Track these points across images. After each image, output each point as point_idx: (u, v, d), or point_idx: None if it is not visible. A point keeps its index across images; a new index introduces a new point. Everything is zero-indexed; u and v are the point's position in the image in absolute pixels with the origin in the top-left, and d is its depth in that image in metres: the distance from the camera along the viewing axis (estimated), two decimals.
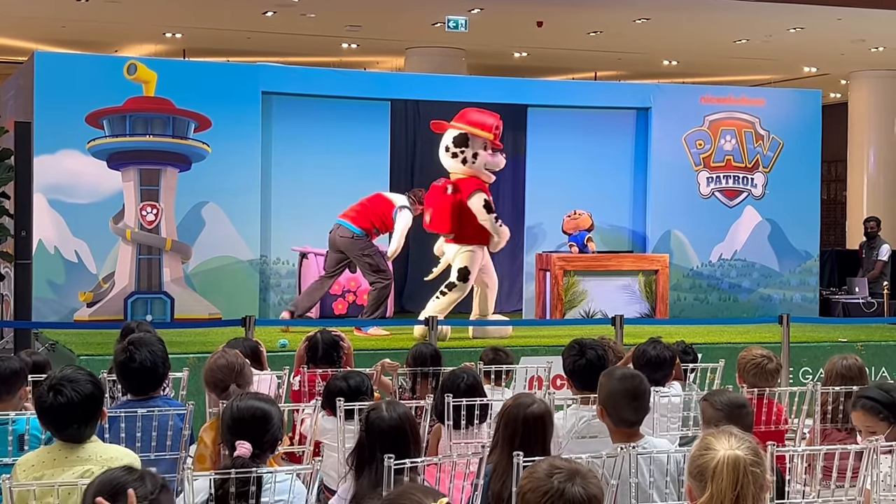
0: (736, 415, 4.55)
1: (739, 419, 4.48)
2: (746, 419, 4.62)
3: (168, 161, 11.48)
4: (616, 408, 4.44)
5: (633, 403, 4.44)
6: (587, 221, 12.17)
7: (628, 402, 4.43)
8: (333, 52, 17.82)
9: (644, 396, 4.48)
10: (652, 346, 5.99)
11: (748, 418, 4.67)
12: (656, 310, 11.96)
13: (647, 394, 4.52)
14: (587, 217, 12.19)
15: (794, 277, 13.45)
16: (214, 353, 5.32)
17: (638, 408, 4.46)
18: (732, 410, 4.60)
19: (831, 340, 10.63)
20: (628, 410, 4.44)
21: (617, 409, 4.44)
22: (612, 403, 4.45)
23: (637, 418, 4.47)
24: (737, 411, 4.61)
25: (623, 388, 4.45)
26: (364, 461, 4.10)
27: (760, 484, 2.98)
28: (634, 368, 5.43)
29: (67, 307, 11.10)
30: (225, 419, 4.12)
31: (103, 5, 14.60)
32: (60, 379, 3.97)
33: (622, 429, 4.46)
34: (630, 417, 4.45)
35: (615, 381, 4.51)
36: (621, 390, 4.45)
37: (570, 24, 15.51)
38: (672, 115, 13.10)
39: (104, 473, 3.04)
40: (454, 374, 5.63)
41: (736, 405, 4.65)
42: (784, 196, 13.32)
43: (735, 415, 4.55)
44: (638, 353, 5.97)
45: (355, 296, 12.00)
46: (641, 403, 4.47)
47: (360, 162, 12.18)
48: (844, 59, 17.94)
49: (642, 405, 4.48)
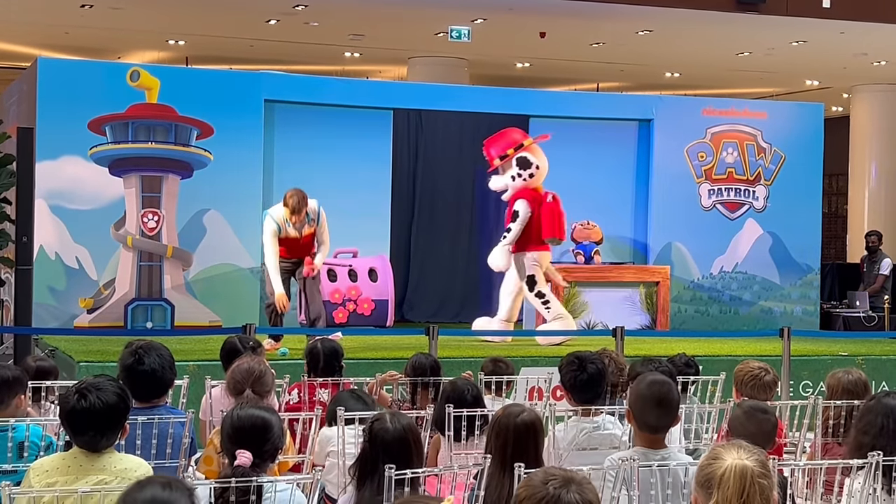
0: (756, 419, 4.64)
1: (759, 423, 4.58)
2: (765, 425, 4.67)
3: (170, 168, 11.48)
4: (641, 412, 4.48)
5: (657, 410, 4.45)
6: (598, 234, 12.20)
7: (653, 407, 4.45)
8: (336, 61, 17.83)
9: (670, 404, 4.49)
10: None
11: (767, 424, 4.70)
12: (657, 321, 11.96)
13: (675, 402, 4.53)
14: (598, 230, 12.22)
15: (794, 290, 13.44)
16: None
17: (661, 414, 4.46)
18: (753, 413, 4.68)
19: (832, 354, 10.62)
20: (652, 416, 4.46)
21: (641, 414, 4.48)
22: (638, 408, 4.49)
23: (659, 424, 4.48)
24: (758, 415, 4.69)
25: (650, 393, 4.48)
26: (366, 472, 4.10)
27: (767, 496, 2.98)
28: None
29: (68, 313, 11.09)
30: (225, 428, 4.12)
31: (106, 12, 14.61)
32: (89, 385, 3.98)
33: (645, 433, 4.49)
34: (653, 422, 4.47)
35: (644, 386, 4.56)
36: (648, 395, 4.48)
37: (572, 35, 15.53)
38: (674, 127, 13.10)
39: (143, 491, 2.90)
40: (457, 385, 5.61)
41: (758, 408, 4.75)
42: (785, 209, 13.32)
43: (755, 418, 4.64)
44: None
45: (356, 304, 12.00)
46: (666, 411, 4.47)
47: (362, 171, 12.18)
48: (847, 72, 17.95)
49: (667, 412, 4.48)
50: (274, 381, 5.54)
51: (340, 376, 6.47)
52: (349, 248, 12.09)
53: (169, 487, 2.90)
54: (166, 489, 2.89)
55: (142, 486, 2.91)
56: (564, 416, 5.48)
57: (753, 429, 4.64)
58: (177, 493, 2.89)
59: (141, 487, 2.90)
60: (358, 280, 11.89)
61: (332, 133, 12.17)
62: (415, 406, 6.15)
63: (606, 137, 13.06)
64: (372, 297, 12.04)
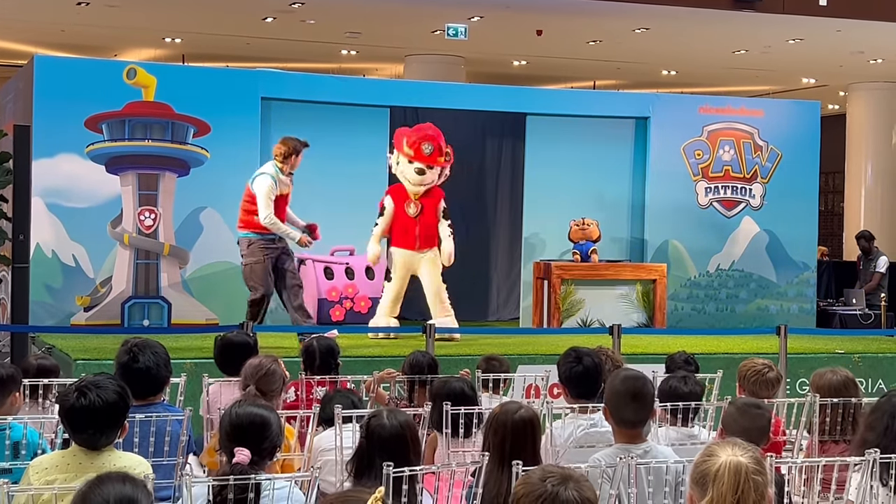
0: (751, 414, 4.71)
1: (753, 419, 4.65)
2: (760, 420, 4.73)
3: (167, 166, 11.48)
4: (617, 408, 4.54)
5: (633, 404, 4.51)
6: (595, 233, 12.18)
7: (628, 402, 4.51)
8: (333, 59, 17.83)
9: (645, 398, 4.57)
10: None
11: (762, 420, 4.76)
12: (654, 319, 11.97)
13: (649, 396, 4.61)
14: (595, 228, 12.20)
15: (791, 288, 13.45)
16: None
17: (637, 408, 4.53)
18: (748, 409, 4.75)
19: (828, 352, 10.62)
20: (628, 410, 4.52)
21: (618, 409, 4.54)
22: (614, 403, 4.55)
23: (636, 418, 4.54)
24: (752, 410, 4.75)
25: (624, 389, 4.55)
26: (363, 468, 4.10)
27: (762, 493, 2.98)
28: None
29: (64, 311, 11.08)
30: (223, 426, 4.12)
31: (103, 10, 14.60)
32: (89, 383, 4.00)
33: (623, 429, 4.55)
34: (630, 417, 4.53)
35: (618, 381, 4.62)
36: (622, 390, 4.55)
37: (569, 32, 15.53)
38: (671, 124, 13.11)
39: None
40: (449, 382, 5.62)
41: (752, 404, 4.81)
42: (782, 207, 13.33)
43: (750, 414, 4.71)
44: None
45: (352, 302, 12.00)
46: (642, 404, 4.54)
47: (358, 168, 12.18)
48: (843, 70, 17.97)
49: (643, 406, 4.55)
50: (283, 383, 5.54)
51: (337, 374, 6.48)
52: (346, 246, 12.10)
53: (130, 482, 2.89)
54: (127, 484, 2.87)
55: (101, 481, 2.89)
56: (562, 413, 5.49)
57: (747, 424, 4.68)
58: (138, 489, 2.88)
59: (101, 483, 2.88)
60: (355, 278, 11.89)
61: (329, 131, 12.15)
62: (412, 404, 6.15)
63: (603, 135, 13.06)
64: (369, 295, 12.05)
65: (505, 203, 13.87)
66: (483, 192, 13.93)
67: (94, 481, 2.90)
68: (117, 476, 2.92)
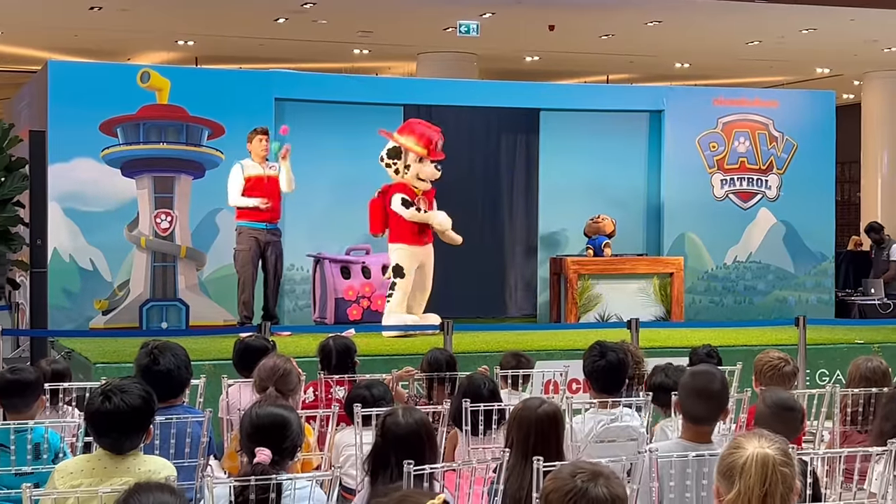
0: (782, 417, 4.55)
1: (785, 422, 4.47)
2: (792, 423, 4.59)
3: (182, 168, 11.50)
4: (685, 403, 4.47)
5: (697, 401, 4.42)
6: (609, 227, 12.18)
7: (694, 398, 4.43)
8: (345, 58, 17.84)
9: (712, 396, 4.43)
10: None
11: (795, 423, 4.64)
12: (671, 313, 11.95)
13: (718, 394, 4.46)
14: (610, 222, 12.19)
15: (809, 279, 13.40)
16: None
17: (701, 405, 4.42)
18: (780, 412, 4.60)
19: (848, 342, 10.58)
20: (694, 406, 4.43)
21: (685, 405, 4.47)
22: (682, 398, 4.49)
23: (702, 415, 4.43)
24: (784, 413, 4.60)
25: (692, 385, 4.47)
26: (379, 466, 4.10)
27: (790, 485, 2.97)
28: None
29: (83, 315, 11.11)
30: (244, 426, 4.13)
31: (116, 14, 14.65)
32: (114, 387, 4.01)
33: (690, 425, 4.46)
34: (695, 413, 4.44)
35: (688, 376, 4.56)
36: (689, 386, 4.47)
37: (581, 27, 15.51)
38: (685, 117, 13.07)
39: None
40: (474, 379, 5.61)
41: (784, 406, 4.65)
42: (798, 198, 13.28)
43: (781, 416, 4.55)
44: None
45: (370, 301, 11.99)
46: (709, 403, 4.42)
47: (373, 167, 12.13)
48: (857, 59, 17.90)
49: (710, 405, 4.43)
50: (300, 381, 5.56)
51: (354, 373, 6.48)
52: (362, 245, 12.09)
53: (169, 491, 2.93)
54: (166, 492, 2.92)
55: (140, 489, 2.93)
56: (582, 408, 5.47)
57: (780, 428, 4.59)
58: (176, 497, 2.92)
59: (140, 491, 2.92)
60: (371, 277, 11.88)
61: (342, 130, 12.17)
62: (431, 401, 6.16)
63: (617, 129, 13.03)
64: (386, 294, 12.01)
65: (520, 199, 13.85)
66: (498, 189, 13.92)
67: (133, 489, 2.94)
68: (156, 485, 2.97)
